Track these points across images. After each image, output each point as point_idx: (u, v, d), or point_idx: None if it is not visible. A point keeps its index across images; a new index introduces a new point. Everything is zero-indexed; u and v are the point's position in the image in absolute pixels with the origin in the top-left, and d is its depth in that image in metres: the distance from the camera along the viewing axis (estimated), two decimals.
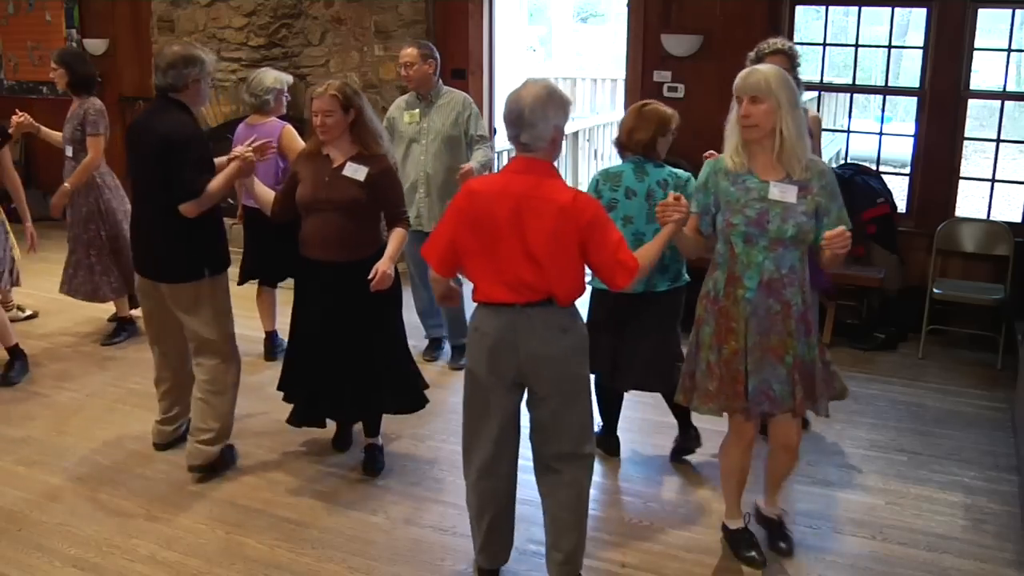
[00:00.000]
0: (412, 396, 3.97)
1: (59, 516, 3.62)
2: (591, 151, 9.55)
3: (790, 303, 3.03)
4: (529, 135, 2.80)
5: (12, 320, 5.41)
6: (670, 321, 3.87)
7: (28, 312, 5.90)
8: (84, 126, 5.07)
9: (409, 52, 4.86)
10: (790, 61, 3.85)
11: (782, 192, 2.98)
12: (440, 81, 4.97)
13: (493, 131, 6.94)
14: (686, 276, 3.88)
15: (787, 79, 2.97)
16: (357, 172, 3.65)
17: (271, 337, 5.33)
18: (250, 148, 3.79)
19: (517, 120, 2.80)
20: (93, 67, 5.30)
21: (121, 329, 5.57)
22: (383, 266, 3.61)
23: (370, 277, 3.58)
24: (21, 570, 3.27)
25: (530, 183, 2.81)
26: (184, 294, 3.78)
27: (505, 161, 7.75)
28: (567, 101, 2.87)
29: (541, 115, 2.78)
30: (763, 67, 3.02)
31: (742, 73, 3.00)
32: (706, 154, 3.69)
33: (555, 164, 2.95)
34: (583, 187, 9.25)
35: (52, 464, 4.04)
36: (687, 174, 3.76)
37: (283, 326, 5.06)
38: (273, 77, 4.99)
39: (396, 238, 3.75)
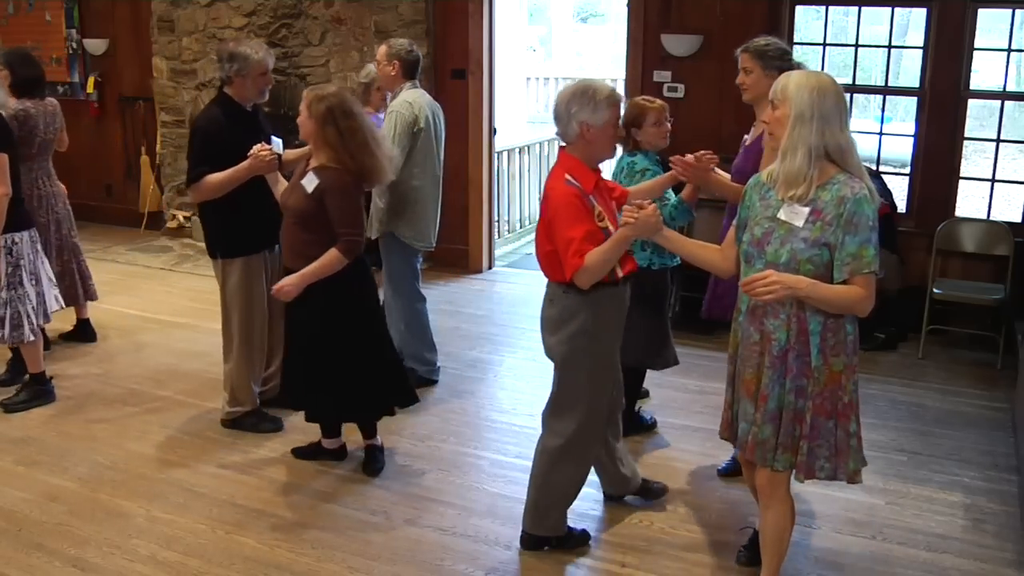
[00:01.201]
0: (392, 396, 3.95)
1: (59, 516, 3.62)
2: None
3: (770, 336, 2.74)
4: (559, 128, 3.12)
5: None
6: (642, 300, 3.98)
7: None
8: None
9: (379, 50, 4.70)
10: (756, 57, 3.62)
11: (791, 213, 2.68)
12: (408, 85, 4.61)
13: (493, 131, 6.94)
14: (664, 261, 4.03)
15: (815, 88, 2.62)
16: (310, 183, 3.62)
17: None
18: (266, 147, 3.86)
19: (553, 115, 3.14)
20: (38, 69, 5.10)
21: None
22: (286, 281, 3.60)
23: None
24: (21, 570, 3.27)
25: (551, 172, 3.19)
26: (213, 267, 4.28)
27: (505, 162, 7.77)
28: (597, 96, 3.03)
29: (564, 110, 3.06)
30: (796, 72, 2.74)
31: None
32: (672, 159, 3.58)
33: (585, 158, 3.10)
34: None
35: (52, 464, 4.04)
36: (643, 165, 3.88)
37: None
38: (366, 71, 5.28)
39: (323, 258, 3.61)
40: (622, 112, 3.27)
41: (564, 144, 3.15)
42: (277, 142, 4.25)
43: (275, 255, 4.31)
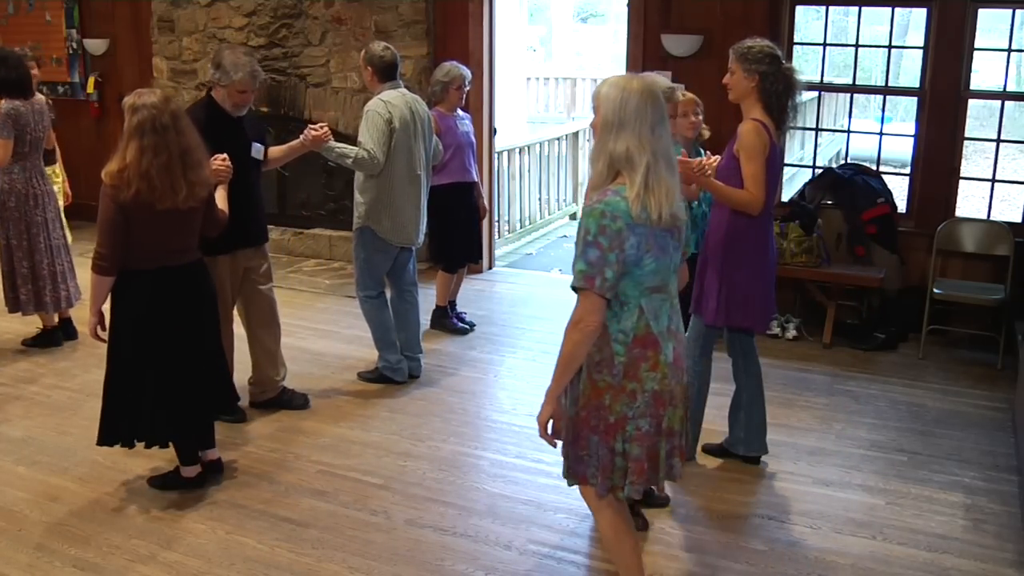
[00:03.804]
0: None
1: (59, 516, 3.62)
2: (592, 151, 9.55)
3: None
4: None
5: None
6: None
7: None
8: None
9: (360, 55, 4.85)
10: (738, 58, 3.68)
11: None
12: (388, 85, 4.68)
13: (493, 131, 6.94)
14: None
15: (620, 91, 2.54)
16: None
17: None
18: (219, 157, 3.85)
19: None
20: (19, 69, 5.07)
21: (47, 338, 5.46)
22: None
23: None
24: (21, 570, 3.26)
25: None
26: None
27: (505, 162, 7.78)
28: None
29: None
30: (613, 76, 2.65)
31: None
32: (679, 159, 3.65)
33: None
34: (582, 187, 9.28)
35: (52, 464, 4.04)
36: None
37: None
38: (445, 70, 5.40)
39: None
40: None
41: None
42: (258, 147, 4.26)
43: (256, 254, 4.34)
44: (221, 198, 3.87)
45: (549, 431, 2.67)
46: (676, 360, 2.68)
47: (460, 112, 5.57)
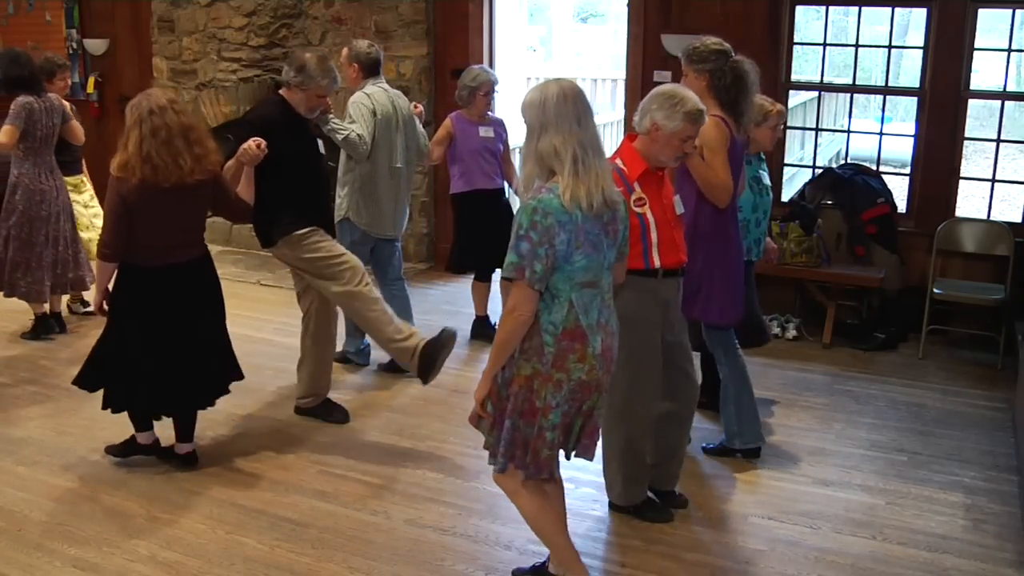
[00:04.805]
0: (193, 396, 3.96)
1: (59, 516, 3.62)
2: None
3: None
4: (636, 116, 3.26)
5: (73, 312, 5.90)
6: None
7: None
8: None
9: (342, 52, 4.93)
10: (686, 60, 3.74)
11: None
12: (370, 82, 4.80)
13: None
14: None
15: (538, 96, 2.71)
16: None
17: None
18: (256, 139, 3.89)
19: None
20: (27, 68, 5.22)
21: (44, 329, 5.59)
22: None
23: None
24: (21, 570, 3.27)
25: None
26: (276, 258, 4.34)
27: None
28: (678, 107, 3.14)
29: (647, 103, 3.23)
30: (535, 86, 2.78)
31: None
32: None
33: (644, 153, 3.24)
34: None
35: (52, 464, 4.04)
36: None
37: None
38: (473, 75, 5.37)
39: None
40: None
41: (634, 132, 3.29)
42: (320, 143, 4.36)
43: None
44: (245, 187, 3.92)
45: (488, 408, 2.85)
46: (604, 352, 2.82)
47: (491, 115, 5.49)
